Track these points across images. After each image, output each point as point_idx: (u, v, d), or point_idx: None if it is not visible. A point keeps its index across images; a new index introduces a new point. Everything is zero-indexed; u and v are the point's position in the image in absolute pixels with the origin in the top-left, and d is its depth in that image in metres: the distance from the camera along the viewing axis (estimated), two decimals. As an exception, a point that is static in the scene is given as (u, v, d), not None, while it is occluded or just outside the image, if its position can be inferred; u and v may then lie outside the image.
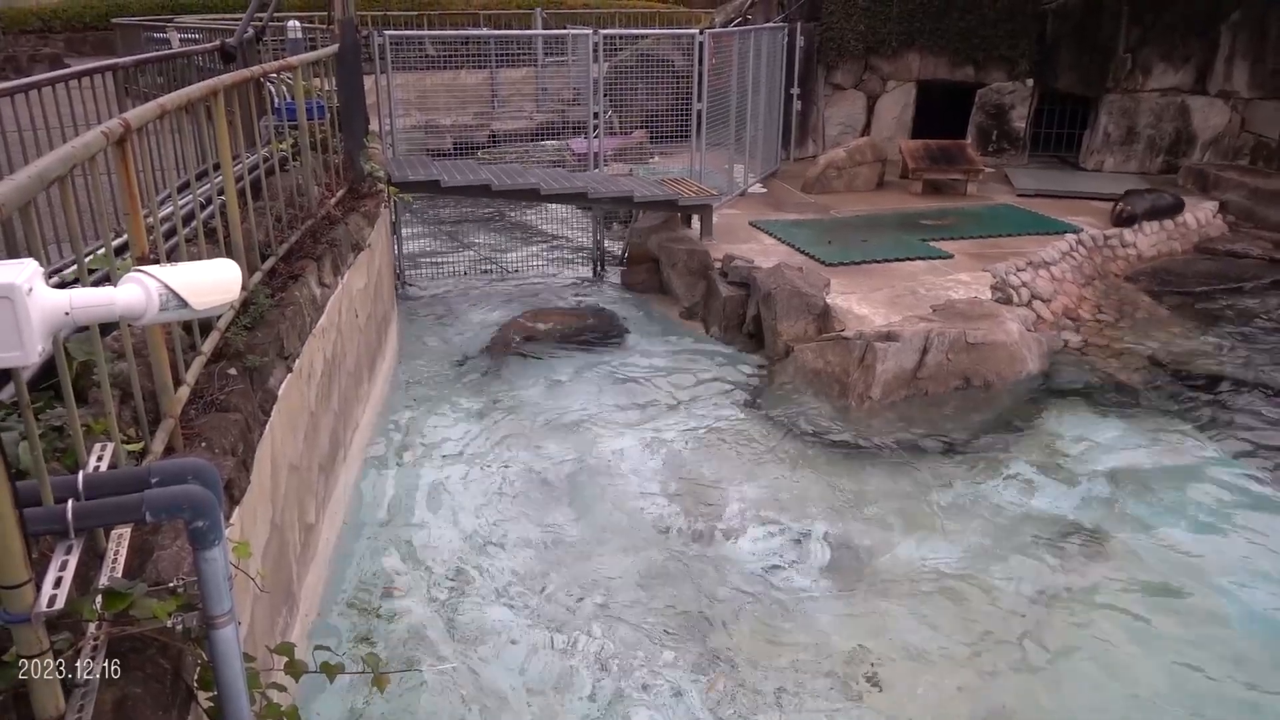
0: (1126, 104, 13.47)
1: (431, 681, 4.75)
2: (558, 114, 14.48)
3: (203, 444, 3.38)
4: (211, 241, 4.22)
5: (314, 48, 9.51)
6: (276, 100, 7.21)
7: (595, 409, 7.76)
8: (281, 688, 2.77)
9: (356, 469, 6.56)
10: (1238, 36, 12.83)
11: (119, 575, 2.35)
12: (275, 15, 9.30)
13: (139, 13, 20.33)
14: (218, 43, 7.92)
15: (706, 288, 9.62)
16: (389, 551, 5.85)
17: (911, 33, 14.21)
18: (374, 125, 9.76)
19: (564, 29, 16.43)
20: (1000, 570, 5.63)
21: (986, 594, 5.43)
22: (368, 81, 8.59)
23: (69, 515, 2.02)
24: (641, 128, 13.14)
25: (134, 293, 1.93)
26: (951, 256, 9.90)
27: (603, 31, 10.97)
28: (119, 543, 2.49)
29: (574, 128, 12.81)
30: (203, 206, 4.39)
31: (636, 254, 11.13)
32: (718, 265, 9.47)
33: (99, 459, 2.62)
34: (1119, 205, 11.21)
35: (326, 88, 7.67)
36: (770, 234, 10.63)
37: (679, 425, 7.47)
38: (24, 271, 1.71)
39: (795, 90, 13.93)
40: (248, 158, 5.84)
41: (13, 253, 2.66)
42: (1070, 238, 10.33)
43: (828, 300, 8.41)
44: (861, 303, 8.58)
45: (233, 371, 3.98)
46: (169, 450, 3.19)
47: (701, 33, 10.95)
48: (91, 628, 2.15)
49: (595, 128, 11.12)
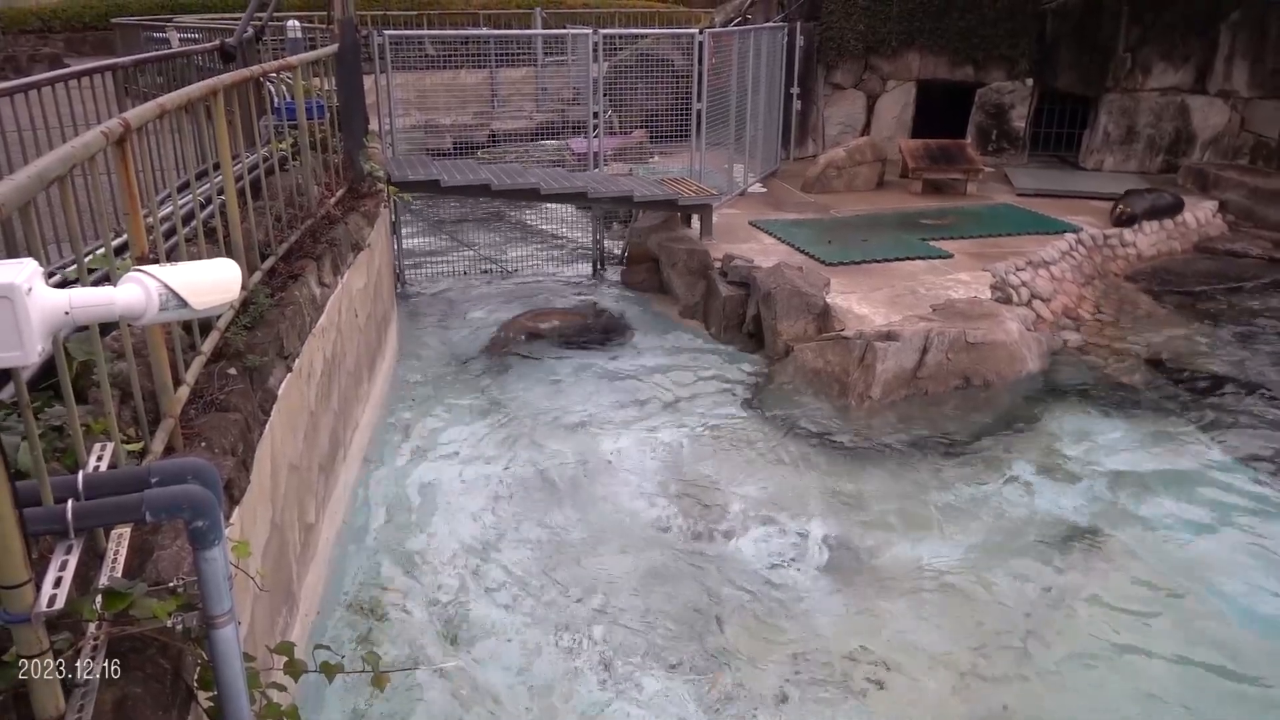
0: (1126, 103, 13.47)
1: (431, 681, 4.75)
2: (557, 113, 14.49)
3: (202, 444, 3.38)
4: (211, 241, 4.22)
5: (313, 47, 9.51)
6: (276, 100, 7.22)
7: (595, 408, 7.75)
8: (281, 687, 2.77)
9: (356, 469, 6.56)
10: (1237, 36, 12.84)
11: (119, 575, 2.35)
12: (275, 15, 9.30)
13: (138, 12, 20.32)
14: (217, 42, 7.92)
15: (706, 287, 9.62)
16: (389, 551, 5.85)
17: (911, 32, 14.21)
18: (374, 125, 9.76)
19: (563, 29, 16.44)
20: (1000, 570, 5.63)
21: (986, 593, 5.43)
22: (367, 81, 8.59)
23: (69, 515, 2.02)
24: (641, 127, 13.14)
25: (134, 292, 1.93)
26: (951, 256, 9.90)
27: (602, 31, 10.96)
28: (119, 543, 2.48)
29: (574, 127, 12.81)
30: (202, 206, 4.39)
31: (636, 253, 11.13)
32: (717, 265, 9.47)
33: (99, 459, 2.62)
34: (1118, 205, 11.21)
35: (326, 87, 7.68)
36: (770, 233, 10.63)
37: (678, 425, 7.47)
38: (24, 271, 1.71)
39: (795, 90, 13.93)
40: (247, 157, 5.84)
41: (12, 252, 2.66)
42: (1070, 237, 10.34)
43: (827, 300, 8.41)
44: (861, 302, 8.58)
45: (232, 371, 3.98)
46: (169, 450, 3.19)
47: (701, 32, 10.94)
48: (91, 628, 2.15)
49: (595, 127, 11.11)
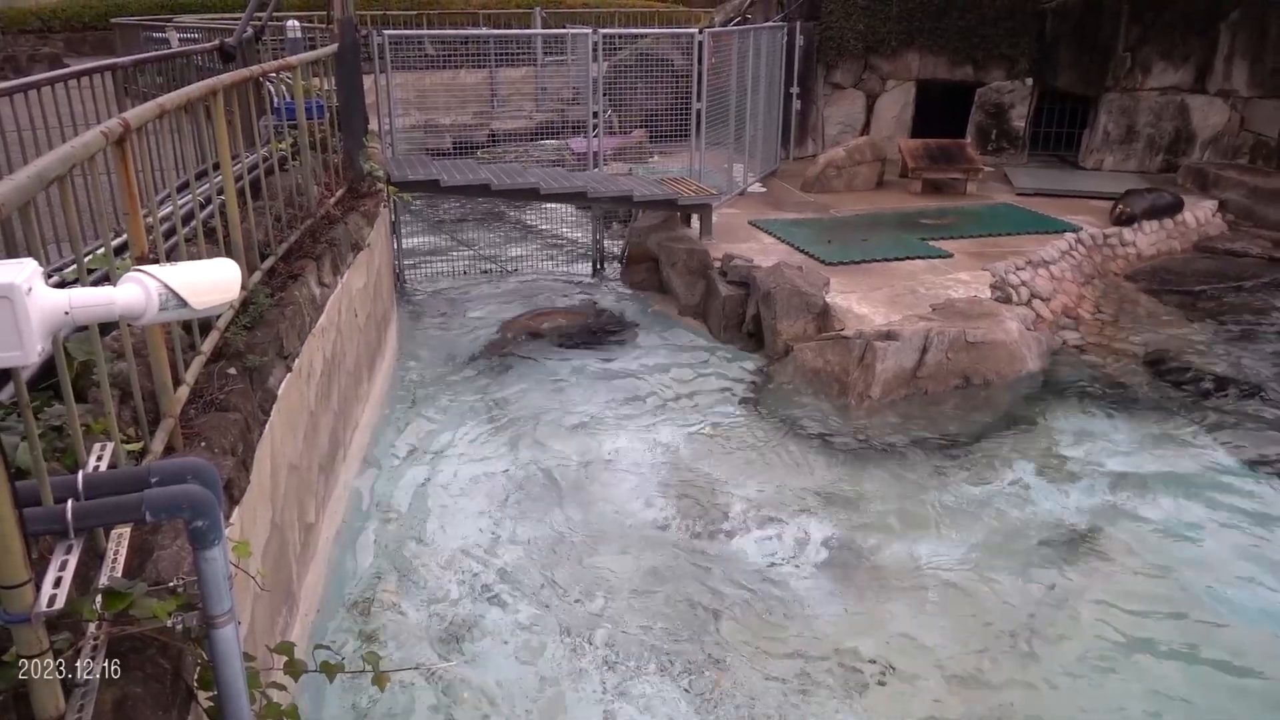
0: (1126, 103, 13.47)
1: (431, 680, 4.75)
2: (557, 113, 14.50)
3: (202, 444, 3.38)
4: (211, 241, 4.22)
5: (313, 47, 9.51)
6: (276, 100, 7.22)
7: (595, 408, 7.76)
8: (281, 687, 2.78)
9: (356, 468, 6.56)
10: (1237, 35, 12.84)
11: (119, 575, 2.35)
12: (274, 15, 9.29)
13: (138, 12, 20.32)
14: (217, 42, 7.91)
15: (706, 287, 9.62)
16: (389, 551, 5.85)
17: (911, 32, 14.21)
18: (373, 125, 9.76)
19: (563, 28, 16.44)
20: (1000, 569, 5.63)
21: (987, 593, 5.43)
22: (367, 81, 8.58)
23: (69, 515, 2.02)
24: (641, 127, 13.14)
25: (133, 292, 1.93)
26: (951, 255, 9.90)
27: (602, 31, 10.96)
28: (119, 542, 2.48)
29: (573, 127, 12.82)
30: (202, 206, 4.39)
31: (636, 253, 11.13)
32: (717, 264, 9.47)
33: (99, 459, 2.61)
34: (1118, 205, 11.21)
35: (326, 87, 7.67)
36: (770, 233, 10.63)
37: (678, 424, 7.47)
38: (23, 271, 1.71)
39: (795, 89, 13.93)
40: (247, 157, 5.84)
41: (12, 252, 2.66)
42: (1070, 236, 10.34)
43: (827, 299, 8.41)
44: (861, 302, 8.58)
45: (232, 371, 3.98)
46: (169, 450, 3.19)
47: (701, 32, 10.94)
48: (91, 627, 2.15)
49: (595, 127, 11.11)
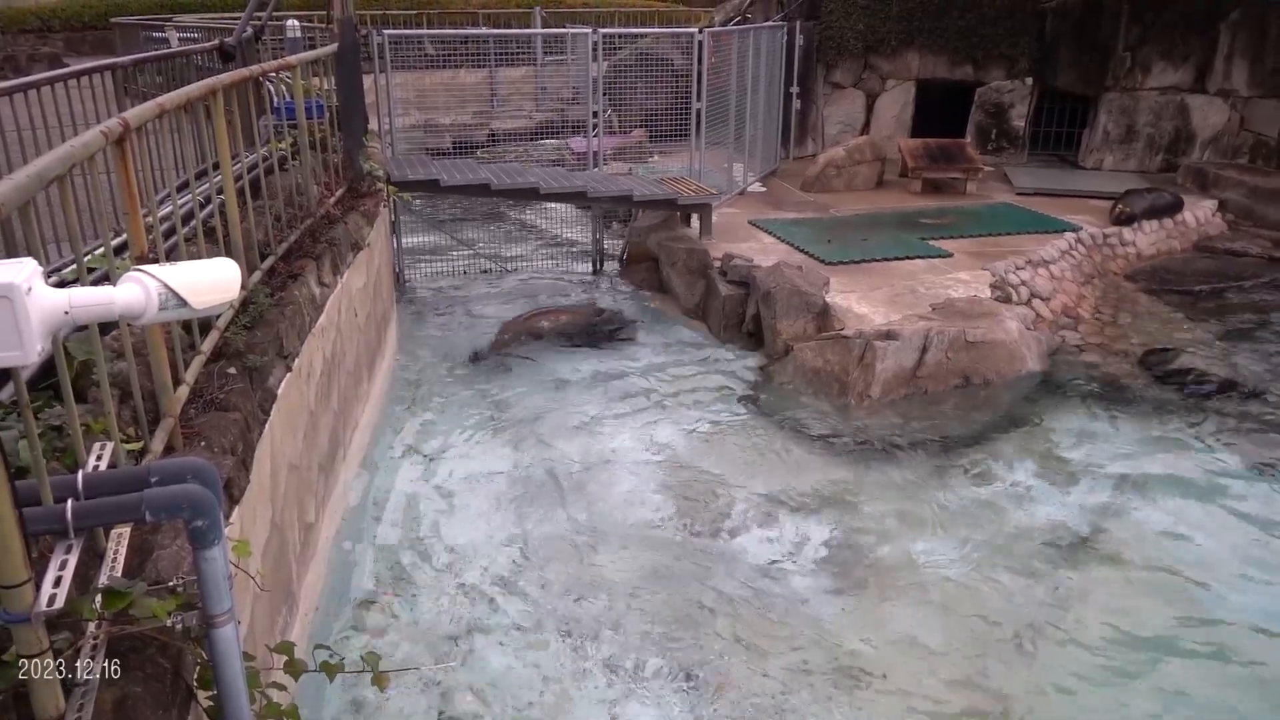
0: (1126, 102, 13.47)
1: (431, 680, 4.75)
2: (557, 113, 14.49)
3: (202, 443, 3.38)
4: (211, 241, 4.22)
5: (313, 47, 9.51)
6: (275, 99, 7.22)
7: (595, 407, 7.75)
8: (281, 687, 2.78)
9: (356, 468, 6.56)
10: (1237, 35, 12.83)
11: (119, 574, 2.35)
12: (274, 14, 9.29)
13: (138, 12, 20.32)
14: (216, 42, 7.91)
15: (706, 287, 9.62)
16: (389, 550, 5.85)
17: (911, 31, 14.21)
18: (373, 124, 9.76)
19: (563, 28, 16.43)
20: (1000, 569, 5.63)
21: (986, 592, 5.44)
22: (367, 81, 8.58)
23: (68, 515, 2.02)
24: (641, 127, 13.14)
25: (133, 292, 1.93)
26: (951, 255, 9.90)
27: (602, 30, 10.96)
28: (118, 542, 2.48)
29: (573, 127, 12.81)
30: (202, 206, 4.39)
31: (636, 253, 11.13)
32: (717, 264, 9.47)
33: (98, 458, 2.61)
34: (1117, 205, 11.20)
35: (325, 87, 7.67)
36: (770, 233, 10.63)
37: (678, 424, 7.47)
38: (23, 271, 1.71)
39: (794, 89, 13.93)
40: (247, 157, 5.85)
41: (12, 252, 2.66)
42: (1069, 236, 10.34)
43: (827, 299, 8.41)
44: (861, 301, 8.58)
45: (232, 371, 3.98)
46: (168, 449, 3.19)
47: (701, 31, 10.94)
48: (91, 627, 2.15)
49: (594, 126, 11.11)
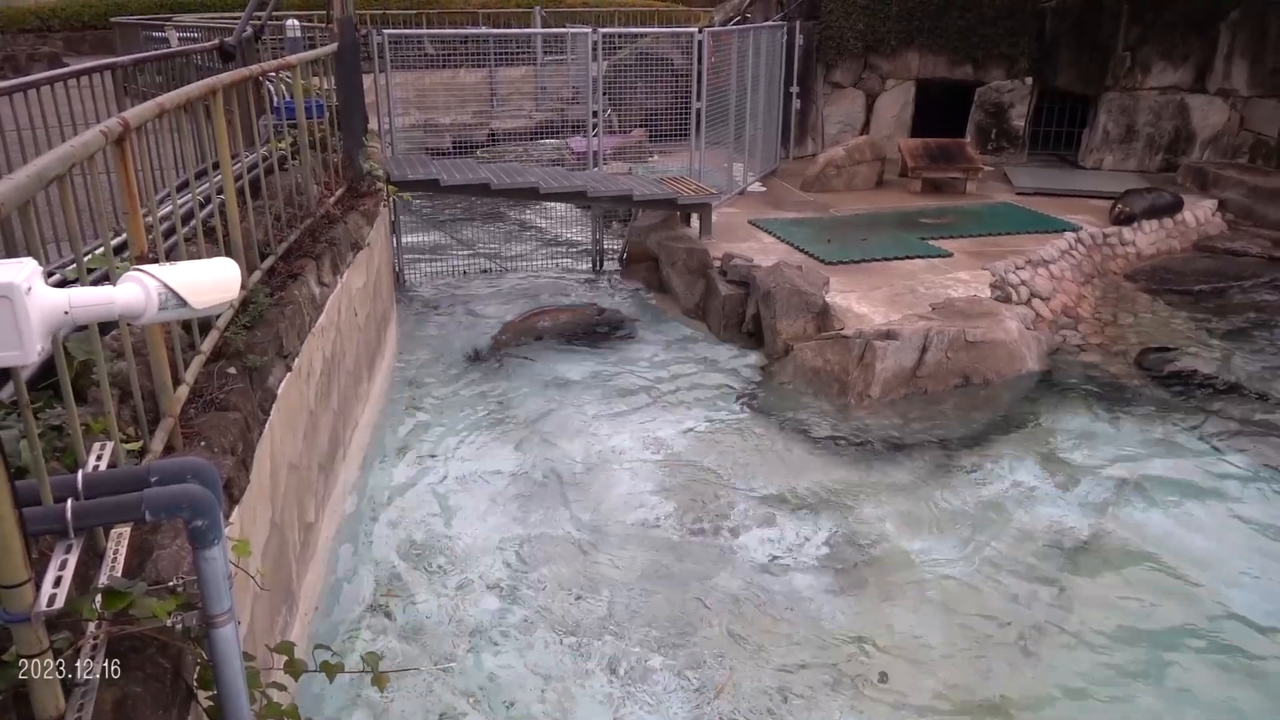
0: (1126, 102, 13.47)
1: (431, 681, 4.75)
2: (557, 112, 14.49)
3: (202, 443, 3.38)
4: (211, 240, 4.22)
5: (313, 46, 9.51)
6: (275, 99, 7.22)
7: (594, 407, 7.75)
8: (281, 687, 2.77)
9: (356, 468, 6.56)
10: (1237, 35, 12.83)
11: (119, 574, 2.35)
12: (274, 14, 9.29)
13: (137, 12, 20.32)
14: (216, 42, 7.91)
15: (706, 286, 9.62)
16: (389, 550, 5.85)
17: (910, 31, 14.21)
18: (373, 124, 9.76)
19: (563, 27, 16.44)
20: (1001, 568, 5.63)
21: (986, 591, 5.44)
22: (367, 80, 8.58)
23: (68, 514, 2.02)
24: (640, 126, 13.14)
25: (133, 292, 1.93)
26: (951, 255, 9.90)
27: (602, 30, 10.96)
28: (118, 542, 2.48)
29: (573, 126, 12.81)
30: (202, 205, 4.39)
31: (636, 252, 11.13)
32: (717, 264, 9.47)
33: (98, 458, 2.61)
34: (1117, 205, 11.20)
35: (325, 86, 7.67)
36: (769, 232, 10.62)
37: (678, 423, 7.47)
38: (23, 271, 1.71)
39: (794, 89, 13.93)
40: (247, 157, 5.85)
41: (11, 252, 2.66)
42: (1069, 236, 10.34)
43: (827, 299, 8.41)
44: (861, 301, 8.58)
45: (232, 370, 3.98)
46: (168, 449, 3.19)
47: (700, 31, 10.94)
48: (91, 627, 2.15)
49: (594, 126, 11.11)
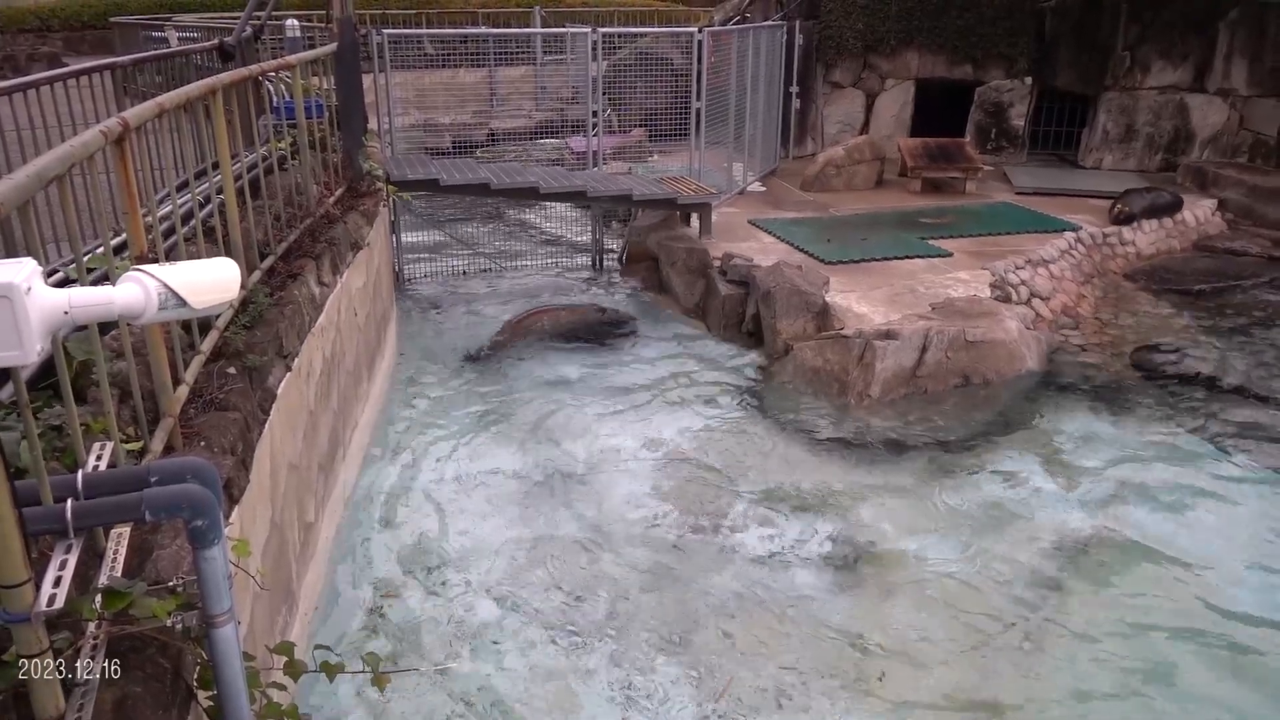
0: (1125, 102, 13.47)
1: (431, 681, 4.75)
2: (556, 112, 14.49)
3: (202, 443, 3.38)
4: (210, 240, 4.22)
5: (312, 46, 9.51)
6: (275, 99, 7.22)
7: (594, 407, 7.75)
8: (281, 687, 2.77)
9: (356, 468, 6.56)
10: (1236, 34, 12.83)
11: (118, 574, 2.35)
12: (273, 14, 9.29)
13: (137, 11, 20.31)
14: (216, 41, 7.91)
15: (705, 286, 9.62)
16: (389, 550, 5.85)
17: (910, 31, 14.22)
18: (373, 124, 9.76)
19: (563, 27, 16.43)
20: (1000, 567, 5.63)
21: (986, 591, 5.44)
22: (366, 80, 8.58)
23: (68, 514, 2.02)
24: (640, 126, 13.14)
25: (133, 292, 1.93)
26: (950, 255, 9.90)
27: (601, 30, 10.96)
28: (118, 542, 2.48)
29: (573, 126, 12.81)
30: (201, 205, 4.39)
31: (635, 252, 11.13)
32: (717, 263, 9.47)
33: (98, 458, 2.61)
34: (1117, 204, 11.20)
35: (325, 86, 7.67)
36: (769, 232, 10.62)
37: (678, 423, 7.47)
38: (23, 271, 1.71)
39: (794, 88, 13.93)
40: (246, 157, 5.85)
41: (11, 252, 2.66)
42: (1069, 236, 10.34)
43: (827, 298, 8.41)
44: (861, 301, 8.58)
45: (232, 370, 3.98)
46: (168, 449, 3.19)
47: (700, 31, 10.94)
48: (91, 627, 2.15)
49: (594, 126, 11.11)
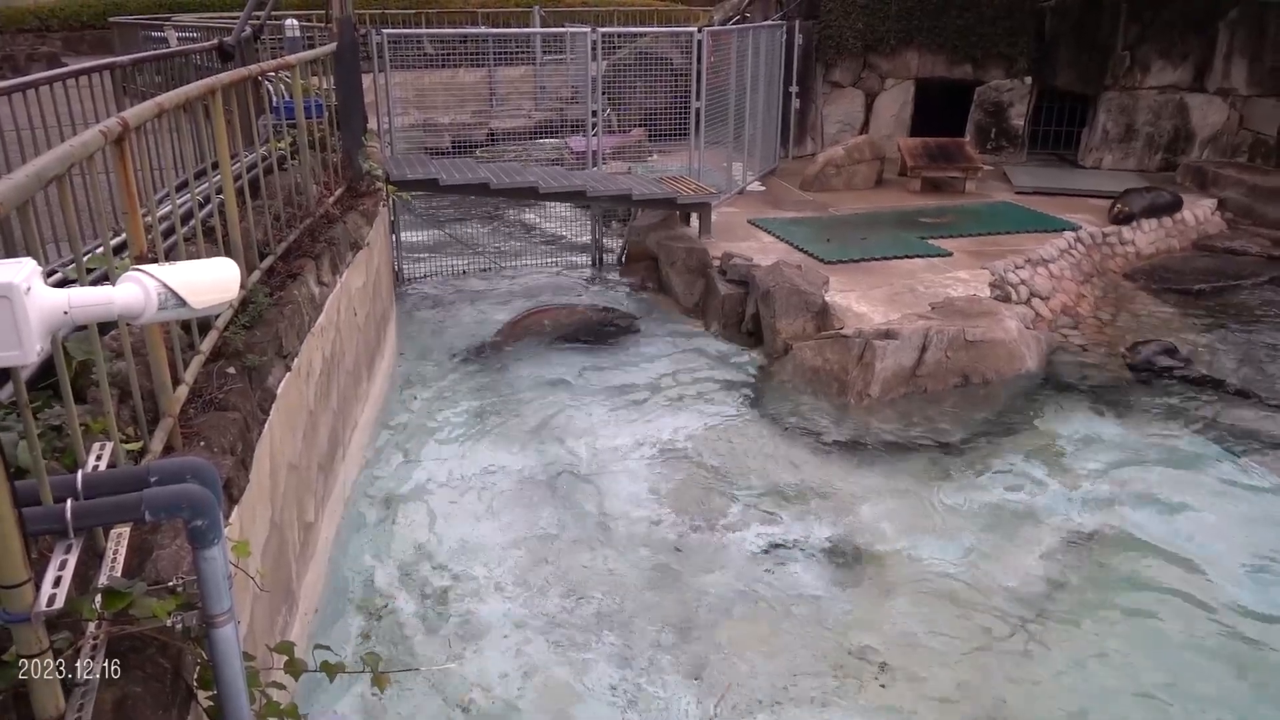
0: (1125, 101, 13.47)
1: (431, 681, 4.75)
2: (556, 112, 14.49)
3: (201, 443, 3.37)
4: (210, 240, 4.22)
5: (312, 46, 9.50)
6: (274, 99, 7.22)
7: (594, 406, 7.75)
8: (281, 686, 2.77)
9: (356, 467, 6.55)
10: (1236, 34, 12.83)
11: (118, 574, 2.35)
12: (273, 14, 9.29)
13: (136, 11, 20.30)
14: (215, 41, 7.91)
15: (705, 286, 9.62)
16: (389, 550, 5.85)
17: (910, 30, 14.22)
18: (372, 124, 9.75)
19: (562, 27, 16.42)
20: (1000, 567, 5.63)
21: (986, 591, 5.44)
22: (366, 80, 8.58)
23: (68, 515, 2.02)
24: (640, 126, 13.14)
25: (132, 292, 1.93)
26: (950, 254, 9.90)
27: (601, 29, 10.96)
28: (118, 542, 2.48)
29: (572, 126, 12.81)
30: (201, 205, 4.38)
31: (635, 252, 11.13)
32: (716, 263, 9.47)
33: (98, 458, 2.61)
34: (1116, 204, 11.20)
35: (324, 86, 7.67)
36: (769, 232, 10.62)
37: (677, 423, 7.47)
38: (22, 271, 1.71)
39: (794, 88, 13.94)
40: (246, 156, 5.84)
41: (11, 252, 2.66)
42: (1069, 235, 10.34)
43: (826, 298, 8.41)
44: (860, 300, 8.58)
45: (231, 370, 3.98)
46: (168, 449, 3.19)
47: (700, 31, 10.94)
48: (91, 627, 2.15)
49: (594, 126, 11.11)
